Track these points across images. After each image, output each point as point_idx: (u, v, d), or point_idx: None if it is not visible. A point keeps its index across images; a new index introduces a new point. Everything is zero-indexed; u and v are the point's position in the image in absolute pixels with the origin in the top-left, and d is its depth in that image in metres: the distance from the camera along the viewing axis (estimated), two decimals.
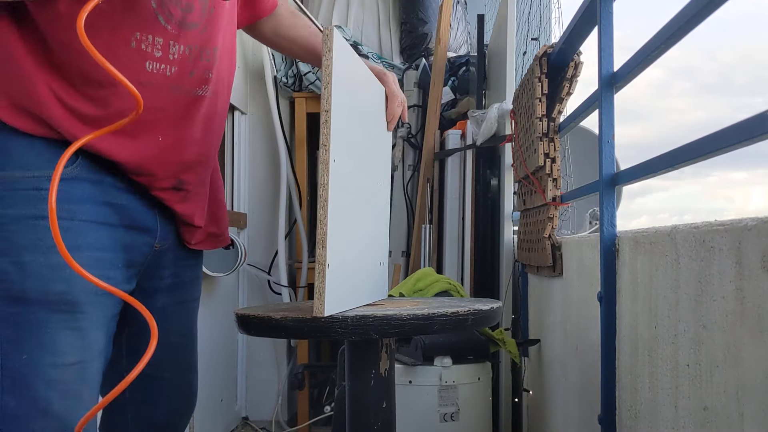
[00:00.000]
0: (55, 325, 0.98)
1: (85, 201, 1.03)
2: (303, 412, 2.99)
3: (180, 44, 1.08)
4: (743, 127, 0.84)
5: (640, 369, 1.17)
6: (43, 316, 0.97)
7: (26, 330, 0.97)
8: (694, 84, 21.95)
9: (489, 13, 3.62)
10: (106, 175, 1.06)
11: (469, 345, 1.98)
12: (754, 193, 11.76)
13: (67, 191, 1.01)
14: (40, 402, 0.97)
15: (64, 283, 0.98)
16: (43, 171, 0.99)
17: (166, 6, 1.05)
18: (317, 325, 0.98)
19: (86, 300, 1.01)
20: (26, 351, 0.96)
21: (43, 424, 0.97)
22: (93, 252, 1.02)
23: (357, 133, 1.14)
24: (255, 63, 3.10)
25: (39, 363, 0.97)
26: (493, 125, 2.40)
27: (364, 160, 1.19)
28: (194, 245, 1.24)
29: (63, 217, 1.00)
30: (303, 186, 3.07)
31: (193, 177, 1.17)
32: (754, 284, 0.77)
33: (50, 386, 0.97)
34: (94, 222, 1.03)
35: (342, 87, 1.02)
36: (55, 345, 0.98)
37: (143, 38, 1.03)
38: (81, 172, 1.03)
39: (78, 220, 1.01)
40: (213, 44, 1.14)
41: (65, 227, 0.99)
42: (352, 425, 1.15)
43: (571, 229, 2.77)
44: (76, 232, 1.01)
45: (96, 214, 1.04)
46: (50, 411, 0.97)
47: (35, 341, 0.97)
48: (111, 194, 1.06)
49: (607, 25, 1.37)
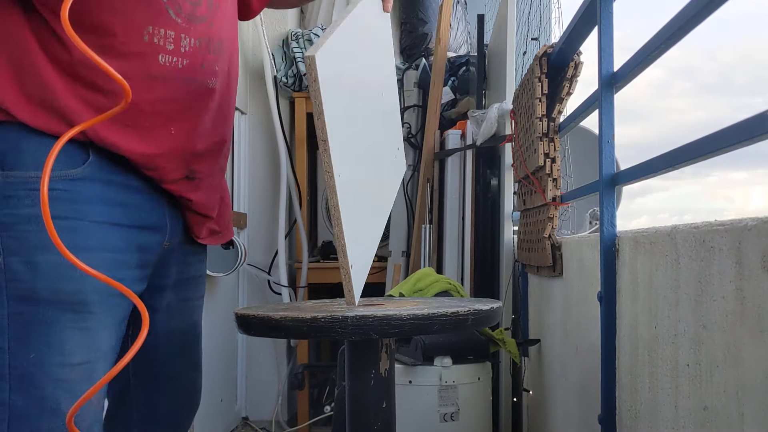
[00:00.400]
0: (63, 324, 0.98)
1: (96, 201, 1.03)
2: (303, 412, 2.99)
3: (190, 37, 1.09)
4: (743, 127, 0.84)
5: (640, 369, 1.17)
6: (52, 316, 0.97)
7: (35, 329, 0.97)
8: (695, 84, 21.95)
9: (489, 13, 3.62)
10: (117, 174, 1.06)
11: (469, 345, 1.98)
12: (754, 193, 11.76)
13: (78, 191, 1.01)
14: (48, 401, 0.97)
15: (75, 283, 0.98)
16: (55, 171, 0.99)
17: (176, 0, 1.06)
18: (317, 325, 0.98)
19: (97, 300, 1.01)
20: (34, 350, 0.96)
21: (51, 424, 0.97)
22: (104, 253, 1.02)
23: (361, 137, 1.14)
24: (255, 63, 3.10)
25: (47, 362, 0.97)
26: (493, 125, 2.40)
27: (371, 155, 1.19)
28: (202, 239, 1.23)
29: (73, 217, 1.00)
30: (303, 186, 3.07)
31: (204, 167, 1.18)
32: (754, 284, 0.77)
33: (58, 385, 0.97)
34: (105, 223, 1.03)
35: (336, 99, 1.00)
36: (63, 344, 0.98)
37: (156, 32, 1.04)
38: (92, 171, 1.03)
39: (88, 221, 1.01)
40: (219, 38, 1.15)
41: (74, 227, 1.00)
42: (352, 425, 1.15)
43: (571, 229, 2.77)
44: (86, 232, 1.01)
45: (107, 214, 1.04)
46: (58, 411, 0.97)
47: (43, 340, 0.97)
48: (122, 194, 1.07)
49: (607, 25, 1.37)
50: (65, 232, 0.98)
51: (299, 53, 3.01)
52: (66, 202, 0.99)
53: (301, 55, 3.00)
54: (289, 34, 3.08)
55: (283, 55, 3.08)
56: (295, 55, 3.01)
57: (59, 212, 0.98)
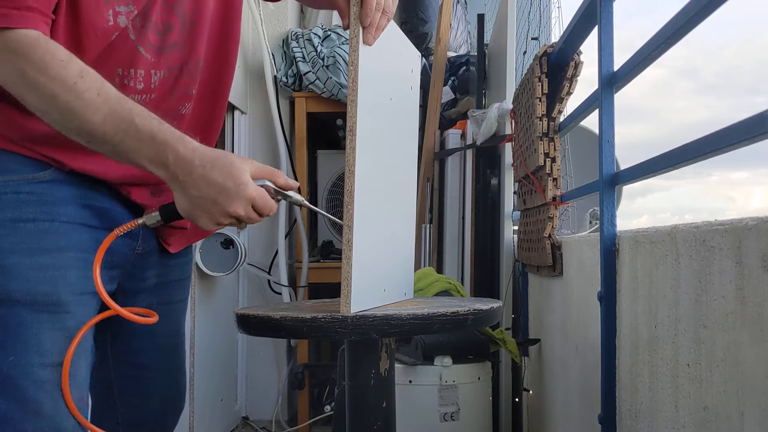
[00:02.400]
0: (40, 325, 0.98)
1: (66, 203, 1.02)
2: (303, 412, 2.99)
3: (161, 69, 1.07)
4: (743, 126, 0.84)
5: (640, 368, 1.17)
6: (28, 317, 0.97)
7: (12, 331, 0.96)
8: (697, 84, 22.00)
9: (489, 13, 3.62)
10: (85, 178, 1.05)
11: (469, 345, 1.98)
12: (755, 193, 11.77)
13: (47, 194, 1.00)
14: (30, 403, 0.96)
15: (48, 284, 0.98)
16: (21, 175, 0.99)
17: (146, 36, 1.04)
18: (317, 325, 0.98)
19: (72, 300, 1.00)
20: (12, 352, 0.96)
21: (35, 426, 0.97)
22: (76, 253, 1.02)
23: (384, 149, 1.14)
24: (255, 63, 3.10)
25: (26, 363, 0.96)
26: (493, 125, 2.40)
27: (388, 161, 1.20)
28: (172, 247, 1.21)
29: (42, 219, 0.99)
30: (303, 186, 3.07)
31: None
32: (754, 284, 0.77)
33: (39, 387, 0.97)
34: (75, 223, 1.03)
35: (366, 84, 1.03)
36: (41, 345, 0.97)
37: (126, 73, 1.03)
38: (60, 174, 1.02)
39: (59, 222, 1.01)
40: (196, 58, 1.12)
41: (45, 229, 0.99)
42: (352, 425, 1.15)
43: (571, 229, 2.77)
44: (58, 233, 1.00)
45: (78, 216, 1.03)
46: (41, 412, 0.97)
47: (21, 342, 0.96)
48: (91, 197, 1.06)
49: (607, 24, 1.37)
50: (36, 233, 0.98)
51: (299, 53, 3.01)
52: (34, 204, 0.99)
53: (301, 55, 3.00)
54: (289, 33, 3.08)
55: (283, 55, 3.08)
56: (295, 54, 3.01)
57: (29, 215, 0.98)
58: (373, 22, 1.03)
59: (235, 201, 0.97)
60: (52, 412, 0.98)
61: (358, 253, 1.02)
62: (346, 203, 1.01)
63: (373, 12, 1.02)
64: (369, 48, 1.04)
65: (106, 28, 0.99)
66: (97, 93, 0.92)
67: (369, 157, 1.05)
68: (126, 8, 1.00)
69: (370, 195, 1.07)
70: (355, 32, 1.02)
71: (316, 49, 2.96)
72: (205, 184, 0.95)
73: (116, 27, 1.00)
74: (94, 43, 0.99)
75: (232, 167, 0.97)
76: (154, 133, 0.94)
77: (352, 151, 1.00)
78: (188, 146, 0.96)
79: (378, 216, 1.13)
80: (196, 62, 1.12)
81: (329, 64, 2.95)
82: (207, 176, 0.95)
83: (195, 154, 0.96)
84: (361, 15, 1.02)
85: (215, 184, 0.95)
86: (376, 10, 1.03)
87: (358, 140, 1.01)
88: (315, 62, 2.96)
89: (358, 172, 1.01)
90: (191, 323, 2.39)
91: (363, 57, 1.02)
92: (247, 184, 0.97)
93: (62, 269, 1.00)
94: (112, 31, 1.00)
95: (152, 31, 1.04)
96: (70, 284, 1.00)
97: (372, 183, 1.08)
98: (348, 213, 1.00)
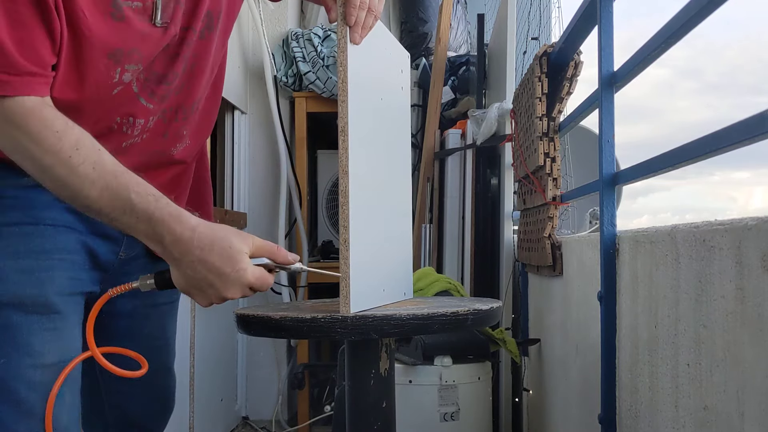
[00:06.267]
0: (30, 326, 0.97)
1: (50, 207, 1.01)
2: (303, 412, 2.99)
3: (155, 115, 1.07)
4: (743, 126, 0.84)
5: (640, 368, 1.17)
6: (17, 319, 0.97)
7: (1, 334, 0.96)
8: (700, 84, 22.02)
9: (489, 13, 3.62)
10: None
11: (469, 344, 1.98)
12: (757, 193, 11.78)
13: (31, 198, 1.00)
14: (23, 405, 0.96)
15: (35, 287, 0.98)
16: (4, 180, 0.98)
17: (148, 87, 1.03)
18: (317, 325, 0.98)
19: (60, 301, 1.01)
20: (3, 355, 0.96)
21: (28, 427, 0.97)
22: (62, 254, 1.02)
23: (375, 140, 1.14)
24: (255, 63, 3.10)
25: (18, 365, 0.96)
26: (493, 125, 2.40)
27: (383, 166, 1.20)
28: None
29: (27, 222, 0.99)
30: (303, 186, 3.07)
31: None
32: (754, 284, 0.77)
33: (31, 388, 0.97)
34: (60, 226, 1.02)
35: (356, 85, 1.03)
36: (32, 347, 0.97)
37: (124, 121, 1.03)
38: None
39: (44, 225, 1.01)
40: (192, 99, 1.11)
41: (30, 232, 0.99)
42: (352, 425, 1.15)
43: (571, 229, 2.77)
44: (43, 236, 1.00)
45: (62, 219, 1.03)
46: (34, 413, 0.97)
47: (11, 344, 0.96)
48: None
49: (607, 24, 1.37)
50: (21, 237, 0.98)
51: (299, 53, 3.01)
52: (19, 208, 0.99)
53: (301, 55, 3.00)
54: (289, 33, 3.08)
55: (283, 55, 3.08)
56: (295, 54, 3.01)
57: (14, 219, 0.98)
58: (359, 21, 1.02)
59: (233, 287, 0.95)
60: (45, 413, 0.97)
61: (356, 253, 1.02)
62: (341, 203, 1.01)
63: (357, 10, 1.01)
64: (358, 49, 1.04)
65: (110, 84, 0.98)
66: (93, 167, 0.90)
67: (362, 157, 1.06)
68: (135, 67, 0.99)
69: (366, 195, 1.08)
70: (342, 33, 1.02)
71: (316, 49, 2.96)
72: (202, 266, 0.93)
73: (120, 83, 0.99)
74: (96, 95, 0.97)
75: (231, 251, 0.94)
76: (150, 212, 0.92)
77: (344, 151, 1.01)
78: (186, 225, 0.94)
79: (374, 216, 1.13)
80: (191, 104, 1.11)
81: (329, 64, 2.95)
82: (204, 259, 0.93)
83: (193, 234, 0.93)
84: (345, 14, 1.01)
85: (213, 268, 0.93)
86: (361, 9, 1.02)
87: (351, 140, 1.01)
88: (315, 62, 2.96)
89: (351, 172, 1.01)
90: (191, 323, 2.39)
91: (352, 58, 1.02)
92: (245, 270, 0.94)
93: (49, 271, 1.00)
94: (115, 86, 0.99)
95: (154, 82, 1.04)
96: (58, 285, 1.00)
97: (366, 183, 1.08)
98: (343, 213, 1.01)
